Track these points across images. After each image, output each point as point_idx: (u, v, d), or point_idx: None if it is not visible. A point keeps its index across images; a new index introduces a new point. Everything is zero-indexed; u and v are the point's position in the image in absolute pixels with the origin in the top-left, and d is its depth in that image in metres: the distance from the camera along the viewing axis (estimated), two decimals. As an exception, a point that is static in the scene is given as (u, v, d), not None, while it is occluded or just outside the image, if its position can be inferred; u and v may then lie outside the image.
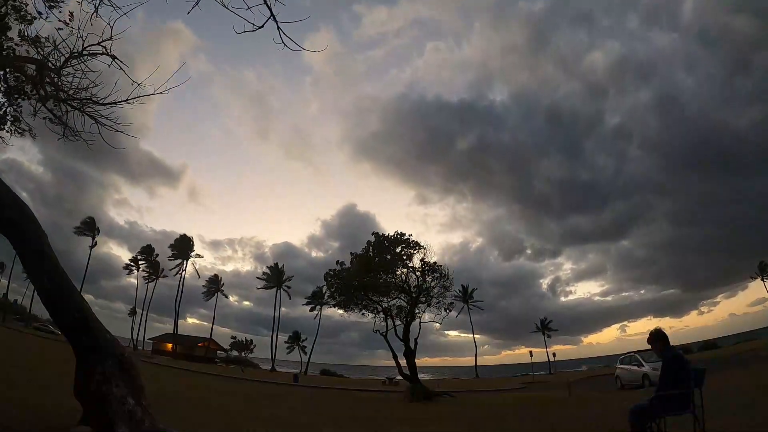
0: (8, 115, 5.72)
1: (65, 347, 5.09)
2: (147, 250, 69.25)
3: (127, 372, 4.56)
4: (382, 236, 24.47)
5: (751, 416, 6.43)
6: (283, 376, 42.47)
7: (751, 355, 25.33)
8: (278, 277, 66.85)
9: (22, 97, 5.62)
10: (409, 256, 24.04)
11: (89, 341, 4.49)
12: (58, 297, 4.55)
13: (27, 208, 4.70)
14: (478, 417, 6.69)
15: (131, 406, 4.30)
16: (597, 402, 13.21)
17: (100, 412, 4.18)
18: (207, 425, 6.17)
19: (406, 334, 22.74)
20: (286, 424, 8.90)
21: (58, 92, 5.52)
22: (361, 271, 23.22)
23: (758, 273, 61.54)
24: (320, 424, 8.45)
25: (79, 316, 4.56)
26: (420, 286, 23.66)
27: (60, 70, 5.42)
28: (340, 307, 24.84)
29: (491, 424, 8.49)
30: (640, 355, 17.69)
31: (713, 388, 4.64)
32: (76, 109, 5.58)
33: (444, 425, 8.86)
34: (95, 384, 4.25)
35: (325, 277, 25.36)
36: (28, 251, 4.55)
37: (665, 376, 4.43)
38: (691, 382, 4.25)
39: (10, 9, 5.17)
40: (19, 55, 5.42)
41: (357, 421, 6.71)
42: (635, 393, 14.05)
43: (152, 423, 4.41)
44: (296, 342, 67.32)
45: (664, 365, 4.53)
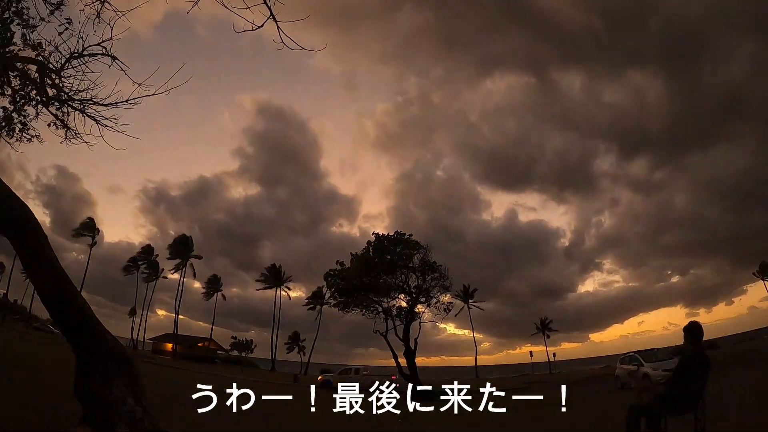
0: (16, 122, 5.76)
1: (65, 347, 5.10)
2: (147, 249, 69.21)
3: (127, 372, 4.57)
4: (382, 236, 24.50)
5: (751, 416, 6.44)
6: (283, 377, 42.48)
7: (753, 355, 25.33)
8: (277, 277, 66.88)
9: (27, 101, 5.64)
10: (408, 256, 24.07)
11: (89, 341, 4.49)
12: (58, 297, 4.55)
13: (27, 207, 4.70)
14: (479, 417, 6.70)
15: (131, 406, 4.31)
16: (597, 402, 13.21)
17: (100, 412, 4.18)
18: (207, 425, 6.18)
19: (406, 334, 22.76)
20: (285, 423, 8.91)
21: (60, 94, 5.53)
22: (361, 271, 23.25)
23: (758, 273, 61.38)
24: (320, 423, 8.46)
25: (79, 316, 4.57)
26: (420, 286, 23.68)
27: (61, 71, 5.43)
28: (340, 307, 24.89)
29: (491, 424, 8.48)
30: (640, 354, 17.76)
31: (713, 388, 4.63)
32: (77, 110, 5.59)
33: (444, 425, 8.86)
34: (95, 384, 4.25)
35: (325, 277, 25.43)
36: (27, 251, 4.56)
37: (675, 374, 4.26)
38: (701, 384, 4.08)
39: (13, 15, 5.19)
40: (20, 56, 5.43)
41: (357, 421, 6.72)
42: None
43: (152, 423, 4.41)
44: (296, 342, 67.38)
45: (678, 362, 4.37)
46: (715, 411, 5.09)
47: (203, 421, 5.61)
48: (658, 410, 4.21)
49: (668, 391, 4.24)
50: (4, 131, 5.84)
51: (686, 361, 4.25)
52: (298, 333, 68.11)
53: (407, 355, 22.57)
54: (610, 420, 7.68)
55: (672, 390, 4.21)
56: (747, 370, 16.25)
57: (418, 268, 23.77)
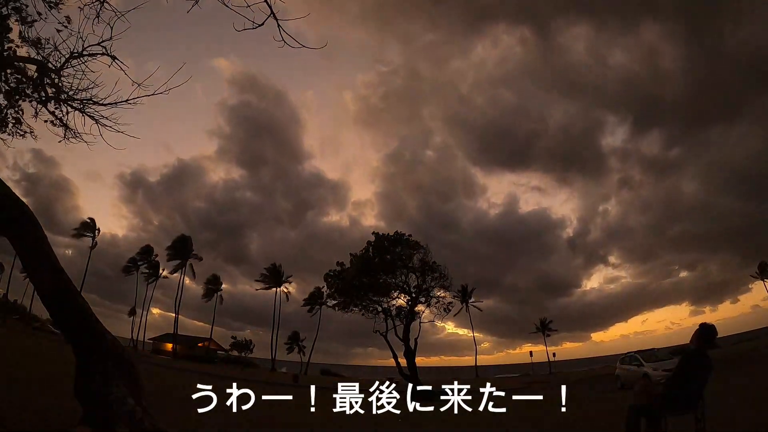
0: (9, 117, 5.74)
1: (65, 347, 5.09)
2: (146, 250, 69.15)
3: (127, 372, 4.56)
4: (382, 236, 24.51)
5: (751, 416, 6.44)
6: (283, 377, 42.46)
7: (753, 355, 25.31)
8: (277, 277, 66.86)
9: (23, 98, 5.63)
10: (408, 256, 24.09)
11: (89, 341, 4.49)
12: (58, 297, 4.55)
13: (27, 207, 4.70)
14: (479, 417, 6.71)
15: (131, 406, 4.31)
16: (597, 402, 13.21)
17: (100, 412, 4.18)
18: (207, 425, 6.18)
19: (406, 334, 22.77)
20: (285, 423, 8.90)
21: (59, 93, 5.53)
22: (361, 271, 23.26)
23: (758, 274, 61.18)
24: (320, 423, 8.44)
25: (79, 316, 4.56)
26: (420, 286, 23.70)
27: (60, 70, 5.42)
28: (340, 307, 24.90)
29: (491, 424, 8.48)
30: (640, 354, 17.79)
31: (714, 388, 4.63)
32: (77, 110, 5.59)
33: (444, 425, 8.86)
34: (95, 384, 4.25)
35: (325, 277, 25.44)
36: (27, 251, 4.55)
37: (675, 374, 4.23)
38: (701, 384, 4.06)
39: (11, 10, 5.18)
40: (19, 56, 5.43)
41: (357, 420, 6.71)
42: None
43: (152, 423, 4.41)
44: (296, 342, 67.34)
45: (678, 361, 4.34)
46: (715, 411, 5.09)
47: (203, 421, 5.61)
48: (658, 410, 4.17)
49: (668, 390, 4.21)
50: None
51: (687, 361, 4.22)
52: (297, 333, 68.13)
53: (407, 355, 22.59)
54: (610, 420, 7.67)
55: (672, 390, 4.18)
56: (747, 370, 16.25)
57: (418, 268, 23.79)
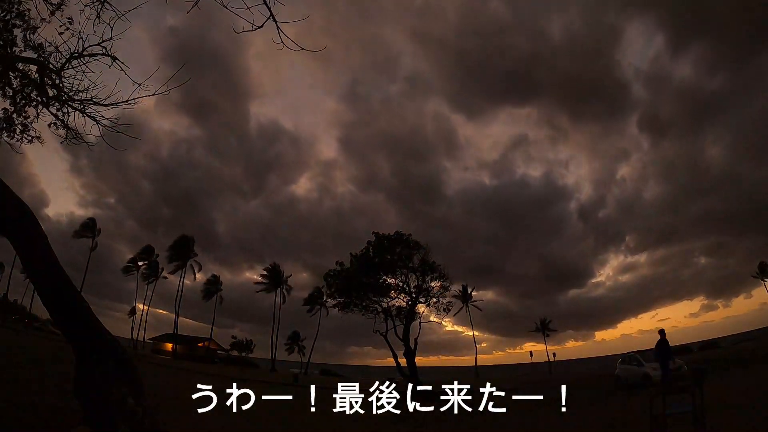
0: (17, 123, 5.76)
1: (65, 347, 5.10)
2: (147, 250, 69.10)
3: (127, 372, 4.57)
4: (382, 236, 24.50)
5: (752, 416, 6.44)
6: (283, 377, 42.41)
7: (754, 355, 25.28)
8: (277, 277, 66.79)
9: (28, 103, 5.66)
10: (408, 256, 24.09)
11: (89, 342, 4.50)
12: (58, 297, 4.55)
13: (27, 208, 4.70)
14: (479, 417, 6.73)
15: (131, 406, 4.31)
16: (597, 402, 13.21)
17: (101, 412, 4.19)
18: (206, 425, 6.19)
19: (406, 333, 22.77)
20: (286, 423, 8.91)
21: (60, 94, 5.53)
22: (361, 271, 23.26)
23: (758, 274, 61.12)
24: (320, 423, 8.46)
25: (79, 316, 4.57)
26: (420, 286, 23.70)
27: (61, 71, 5.43)
28: (340, 308, 24.88)
29: (491, 424, 8.49)
30: (640, 354, 17.81)
31: (713, 388, 4.63)
32: (77, 110, 5.59)
33: (444, 426, 8.87)
34: (95, 384, 4.26)
35: (325, 277, 25.43)
36: (28, 251, 4.56)
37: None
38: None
39: (14, 17, 5.20)
40: (21, 56, 5.44)
41: (357, 420, 6.72)
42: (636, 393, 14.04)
43: (152, 423, 4.42)
44: (296, 342, 67.31)
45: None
46: (715, 411, 5.10)
47: (203, 421, 5.62)
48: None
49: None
50: (4, 132, 5.86)
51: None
52: (297, 333, 68.08)
53: (407, 355, 22.58)
54: (609, 420, 7.67)
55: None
56: (747, 369, 16.25)
57: (418, 268, 23.79)
